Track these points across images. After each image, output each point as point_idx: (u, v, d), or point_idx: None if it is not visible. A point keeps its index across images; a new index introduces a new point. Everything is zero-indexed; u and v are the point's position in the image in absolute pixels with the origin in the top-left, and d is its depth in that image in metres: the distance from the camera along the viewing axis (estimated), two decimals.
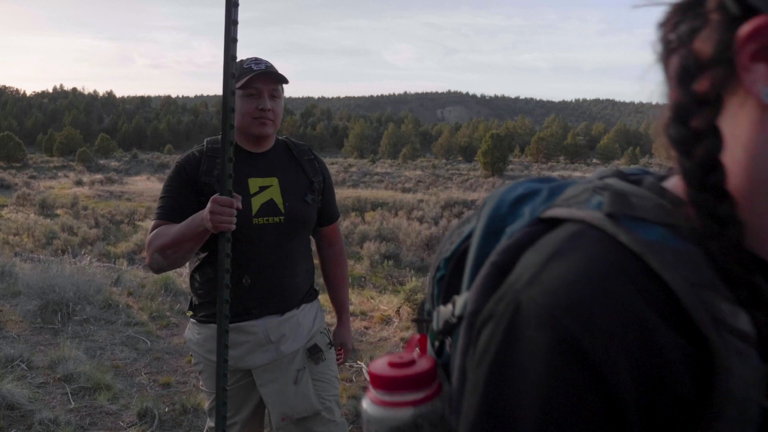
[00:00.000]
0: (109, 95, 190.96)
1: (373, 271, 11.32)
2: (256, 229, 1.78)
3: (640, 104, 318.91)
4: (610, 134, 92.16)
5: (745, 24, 0.38)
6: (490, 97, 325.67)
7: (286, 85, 1.85)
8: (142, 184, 37.22)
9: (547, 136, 71.38)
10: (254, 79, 1.74)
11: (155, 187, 34.94)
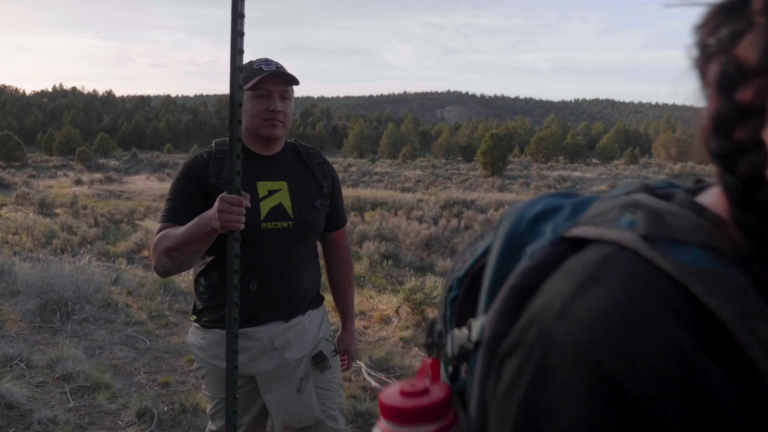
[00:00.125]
0: (109, 94, 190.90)
1: (372, 270, 11.32)
2: (265, 234, 1.75)
3: (640, 104, 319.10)
4: (610, 134, 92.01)
5: None
6: (489, 97, 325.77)
7: (296, 86, 1.81)
8: (141, 184, 37.20)
9: (547, 136, 71.32)
10: (264, 80, 1.70)
11: (155, 187, 34.93)
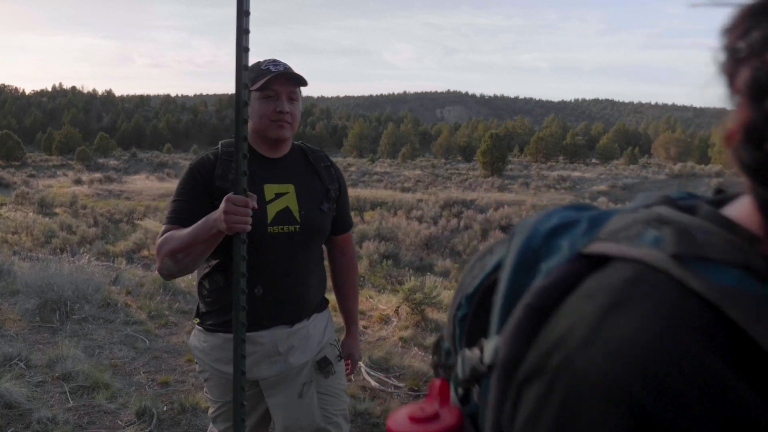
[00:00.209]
0: (109, 94, 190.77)
1: (372, 270, 11.33)
2: (271, 238, 1.72)
3: (639, 104, 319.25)
4: (609, 134, 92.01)
5: None
6: (489, 97, 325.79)
7: (304, 87, 1.78)
8: (141, 183, 37.18)
9: (547, 136, 71.32)
10: (272, 80, 1.68)
11: (154, 186, 34.92)
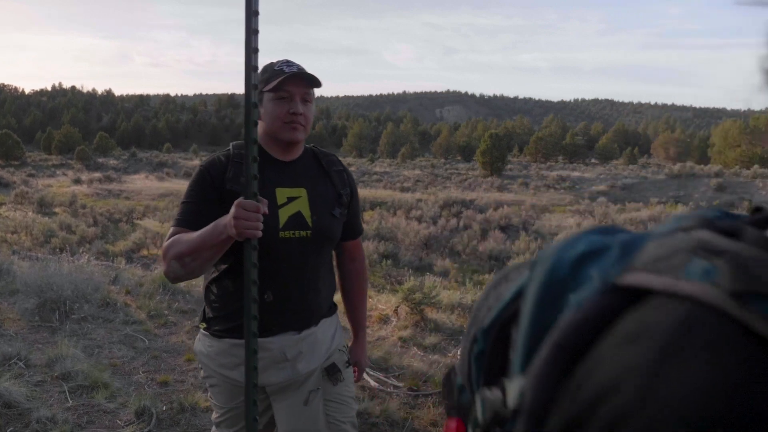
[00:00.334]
0: (108, 93, 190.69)
1: (371, 270, 11.32)
2: (282, 243, 1.68)
3: (639, 104, 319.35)
4: (609, 134, 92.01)
5: None
6: (489, 97, 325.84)
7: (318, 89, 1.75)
8: (140, 183, 37.16)
9: (546, 136, 71.33)
10: (286, 81, 1.64)
11: (154, 186, 34.89)
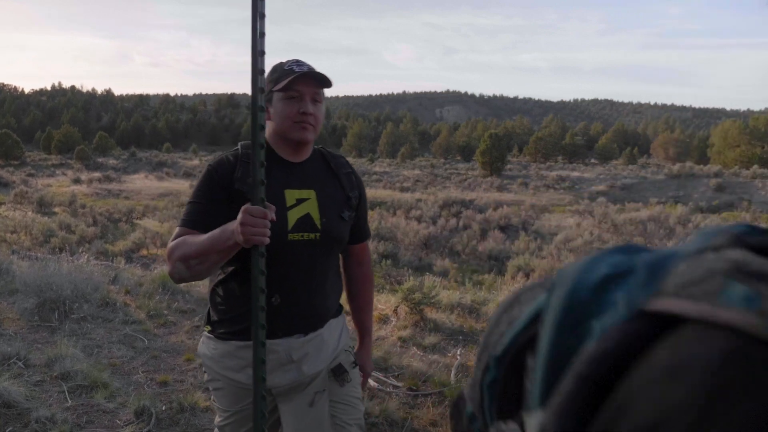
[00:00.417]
0: (108, 93, 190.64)
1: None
2: (291, 246, 1.65)
3: (639, 104, 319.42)
4: (608, 134, 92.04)
5: None
6: (488, 97, 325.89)
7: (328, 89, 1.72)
8: (140, 183, 37.16)
9: (546, 136, 71.38)
10: (296, 80, 1.62)
11: (153, 186, 34.89)
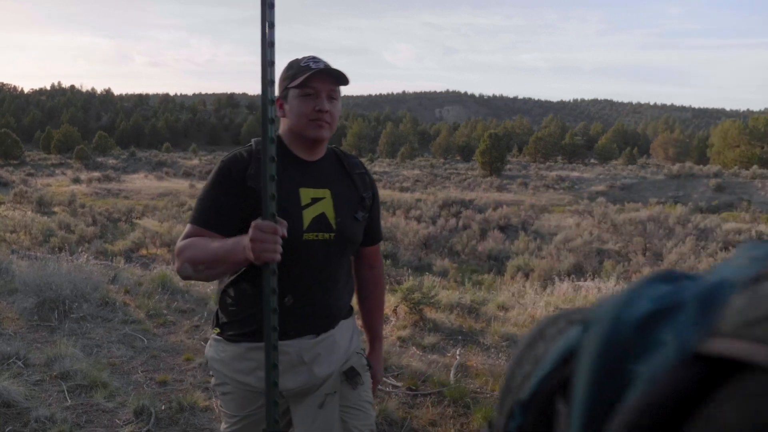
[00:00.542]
0: (107, 93, 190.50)
1: None
2: (305, 246, 1.62)
3: (638, 104, 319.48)
4: (608, 134, 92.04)
5: None
6: (488, 97, 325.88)
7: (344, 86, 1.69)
8: (139, 182, 37.16)
9: (545, 136, 71.42)
10: (312, 77, 1.59)
11: (153, 185, 34.89)
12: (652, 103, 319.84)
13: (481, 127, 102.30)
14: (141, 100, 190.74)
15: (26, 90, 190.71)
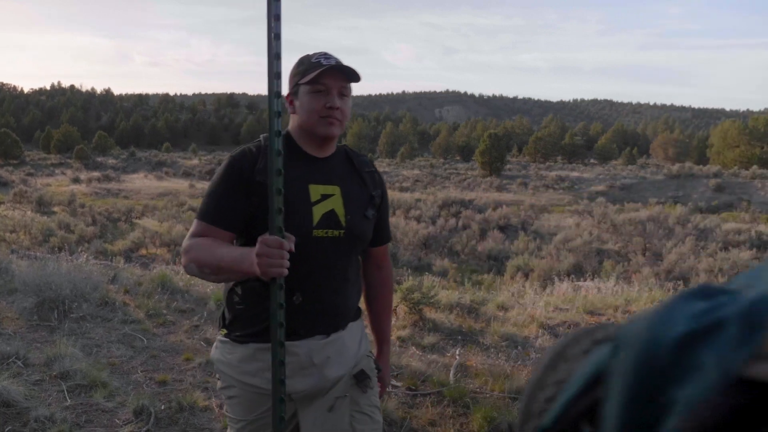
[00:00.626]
0: (107, 93, 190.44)
1: None
2: (315, 242, 1.61)
3: (638, 104, 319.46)
4: (608, 134, 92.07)
5: None
6: (488, 97, 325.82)
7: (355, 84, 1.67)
8: (139, 182, 37.16)
9: (545, 136, 71.44)
10: (323, 74, 1.57)
11: (152, 185, 34.89)
12: (651, 103, 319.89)
13: (481, 127, 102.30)
14: (141, 100, 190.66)
15: (26, 90, 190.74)
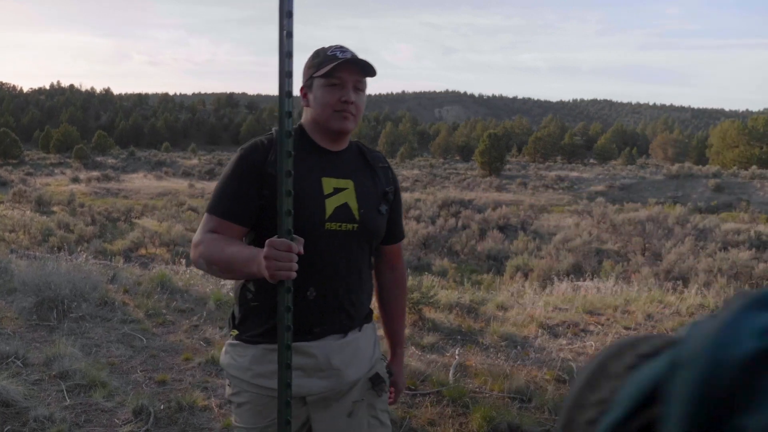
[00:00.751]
0: (107, 92, 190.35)
1: None
2: (328, 236, 1.58)
3: (638, 104, 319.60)
4: (608, 134, 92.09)
5: None
6: (488, 97, 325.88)
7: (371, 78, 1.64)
8: (139, 182, 37.15)
9: (545, 136, 71.50)
10: (339, 67, 1.55)
11: (152, 185, 34.89)
12: (651, 104, 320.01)
13: (481, 127, 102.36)
14: (140, 99, 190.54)
15: (25, 89, 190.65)
